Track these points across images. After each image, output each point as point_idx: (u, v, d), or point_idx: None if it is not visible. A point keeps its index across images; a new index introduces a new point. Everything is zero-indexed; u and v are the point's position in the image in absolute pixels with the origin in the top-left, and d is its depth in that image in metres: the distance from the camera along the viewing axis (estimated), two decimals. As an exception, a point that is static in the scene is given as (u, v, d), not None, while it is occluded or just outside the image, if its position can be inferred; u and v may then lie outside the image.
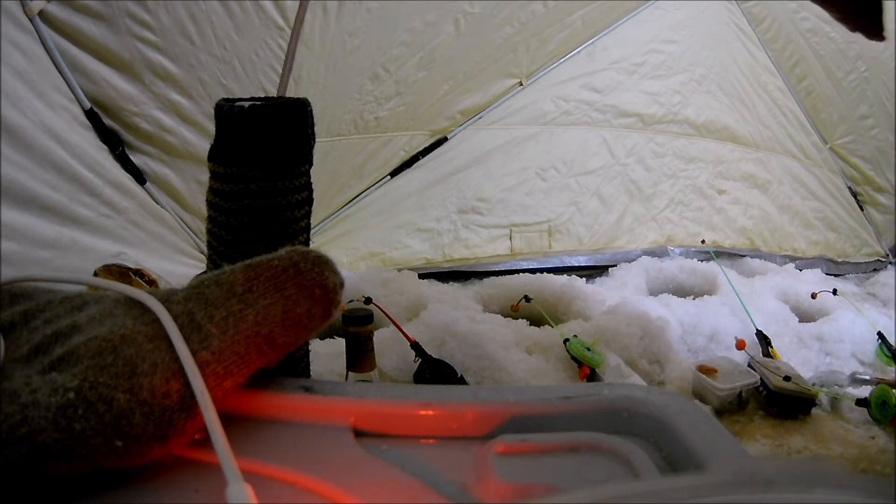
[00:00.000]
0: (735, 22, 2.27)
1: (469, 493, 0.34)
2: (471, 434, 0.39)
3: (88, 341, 0.35)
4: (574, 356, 1.34)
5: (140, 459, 0.33)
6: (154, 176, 1.47)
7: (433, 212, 1.99)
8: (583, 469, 0.34)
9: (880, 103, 2.37)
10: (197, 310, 0.37)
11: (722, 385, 1.29)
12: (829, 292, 1.91)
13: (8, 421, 0.30)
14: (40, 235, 1.14)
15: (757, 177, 2.43)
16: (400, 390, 0.41)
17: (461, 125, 1.99)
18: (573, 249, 2.13)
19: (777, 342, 1.59)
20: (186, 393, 0.34)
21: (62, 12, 1.22)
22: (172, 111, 1.42)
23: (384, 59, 1.72)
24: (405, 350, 1.22)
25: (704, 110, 2.30)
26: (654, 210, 2.27)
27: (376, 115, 1.81)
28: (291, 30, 1.49)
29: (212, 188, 0.50)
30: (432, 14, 1.71)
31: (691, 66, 2.25)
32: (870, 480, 0.25)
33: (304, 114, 0.50)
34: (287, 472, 0.34)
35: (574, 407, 0.39)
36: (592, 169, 2.17)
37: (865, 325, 1.72)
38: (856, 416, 1.30)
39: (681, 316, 1.66)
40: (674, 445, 0.36)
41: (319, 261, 0.40)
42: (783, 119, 2.43)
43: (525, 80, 2.04)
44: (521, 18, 1.85)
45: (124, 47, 1.31)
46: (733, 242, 2.38)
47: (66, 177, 1.21)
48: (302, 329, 0.39)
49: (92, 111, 1.32)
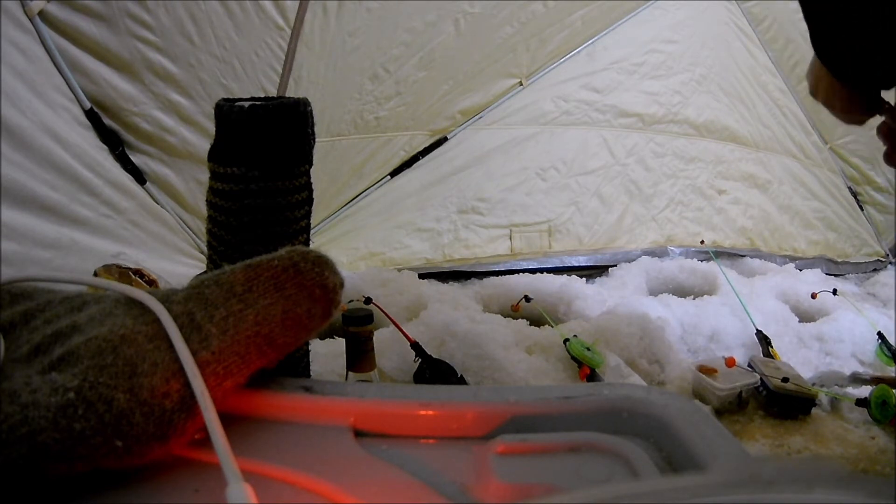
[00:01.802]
0: (735, 22, 2.27)
1: (469, 493, 0.34)
2: (471, 434, 0.39)
3: (88, 341, 0.35)
4: (574, 356, 1.34)
5: (140, 459, 0.33)
6: (154, 176, 1.47)
7: (433, 212, 1.99)
8: (583, 469, 0.34)
9: (880, 103, 2.36)
10: (197, 310, 0.37)
11: (722, 385, 1.29)
12: (829, 292, 1.91)
13: (8, 421, 0.30)
14: (40, 235, 1.14)
15: (757, 177, 2.43)
16: (400, 390, 0.41)
17: (461, 125, 1.99)
18: (573, 249, 2.13)
19: (777, 342, 1.59)
20: (186, 393, 0.34)
21: (62, 12, 1.22)
22: (172, 111, 1.42)
23: (384, 59, 1.72)
24: (405, 350, 1.22)
25: (704, 110, 2.30)
26: (654, 210, 2.27)
27: (376, 115, 1.81)
28: (291, 30, 1.49)
29: (212, 188, 0.50)
30: (432, 14, 1.71)
31: (691, 66, 2.25)
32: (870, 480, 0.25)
33: (304, 114, 0.50)
34: (287, 472, 0.34)
35: (574, 407, 0.39)
36: (592, 169, 2.17)
37: (865, 325, 1.72)
38: (856, 416, 1.30)
39: (681, 316, 1.66)
40: (674, 445, 0.36)
41: (319, 261, 0.40)
42: (783, 119, 2.43)
43: (525, 80, 2.04)
44: (521, 18, 1.85)
45: (124, 47, 1.31)
46: (733, 242, 2.38)
47: (66, 177, 1.21)
48: (302, 329, 0.39)
49: (92, 111, 1.32)
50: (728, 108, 2.34)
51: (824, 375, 1.52)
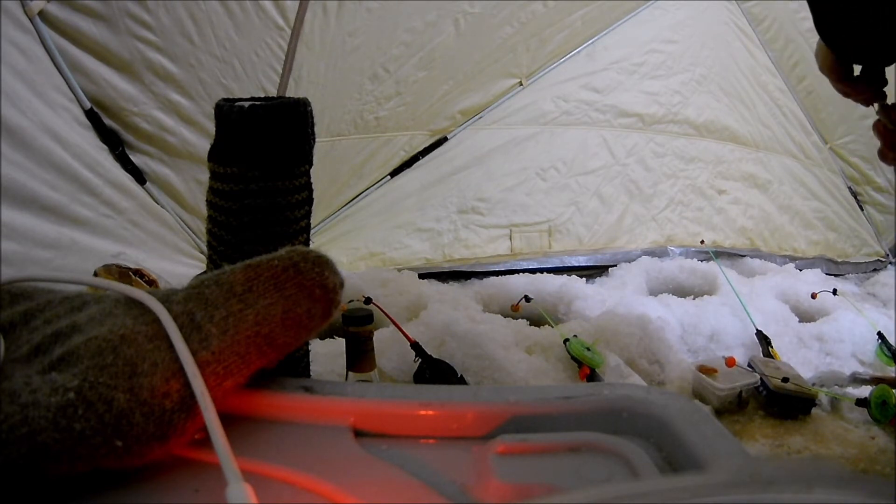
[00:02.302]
0: (735, 22, 2.27)
1: (469, 493, 0.34)
2: (471, 434, 0.39)
3: (88, 341, 0.35)
4: (574, 356, 1.34)
5: (140, 459, 0.33)
6: (154, 176, 1.47)
7: (433, 212, 1.99)
8: (583, 469, 0.34)
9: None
10: (197, 310, 0.37)
11: (722, 385, 1.29)
12: (829, 292, 1.91)
13: (8, 421, 0.30)
14: (40, 235, 1.14)
15: (757, 177, 2.43)
16: (400, 390, 0.41)
17: (461, 125, 1.99)
18: (573, 249, 2.13)
19: (777, 342, 1.59)
20: (186, 393, 0.34)
21: (62, 12, 1.22)
22: (172, 111, 1.42)
23: (384, 59, 1.72)
24: (405, 350, 1.22)
25: (704, 110, 2.30)
26: (654, 210, 2.27)
27: (376, 115, 1.81)
28: (291, 30, 1.49)
29: (212, 188, 0.50)
30: (432, 14, 1.71)
31: (691, 66, 2.25)
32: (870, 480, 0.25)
33: (304, 114, 0.50)
34: (287, 472, 0.34)
35: (574, 407, 0.39)
36: (592, 169, 2.17)
37: (865, 325, 1.72)
38: (856, 416, 1.30)
39: (681, 316, 1.66)
40: (674, 445, 0.36)
41: (319, 261, 0.40)
42: (783, 119, 2.43)
43: (525, 80, 2.04)
44: (521, 18, 1.85)
45: (124, 47, 1.31)
46: (733, 242, 2.38)
47: (66, 177, 1.21)
48: (302, 329, 0.39)
49: (92, 111, 1.32)
50: (728, 108, 2.33)
51: (824, 375, 1.52)
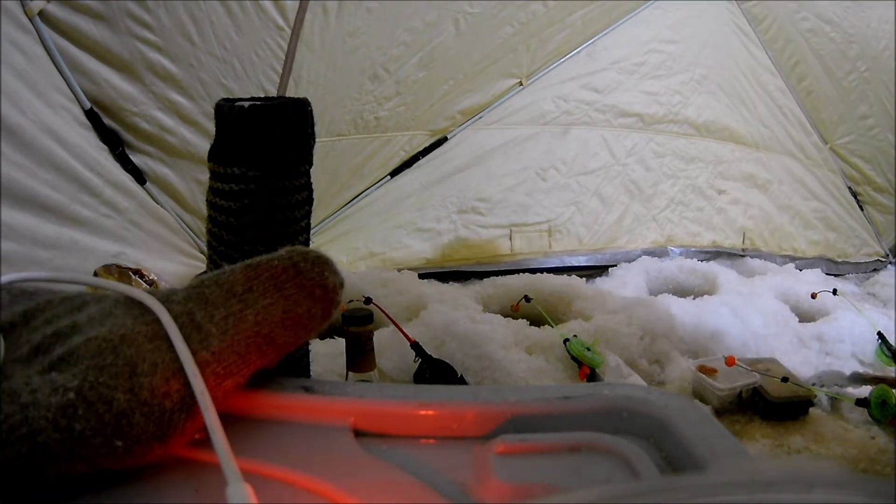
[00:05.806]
0: (735, 22, 2.27)
1: (469, 493, 0.34)
2: (471, 434, 0.39)
3: (88, 341, 0.35)
4: (574, 356, 1.34)
5: (140, 459, 0.33)
6: (154, 176, 1.47)
7: (433, 212, 1.99)
8: (583, 469, 0.34)
9: (880, 103, 2.36)
10: (197, 310, 0.37)
11: (722, 385, 1.29)
12: (829, 292, 1.91)
13: (8, 421, 0.30)
14: (40, 235, 1.14)
15: (757, 177, 2.42)
16: (400, 390, 0.41)
17: (461, 125, 1.99)
18: (573, 249, 2.13)
19: (777, 342, 1.59)
20: (186, 393, 0.34)
21: (62, 12, 1.22)
22: (172, 111, 1.42)
23: (384, 59, 1.72)
24: (405, 350, 1.22)
25: (704, 110, 2.29)
26: (655, 210, 2.27)
27: (376, 115, 1.81)
28: (291, 30, 1.49)
29: (212, 188, 0.50)
30: (432, 14, 1.71)
31: (691, 66, 2.25)
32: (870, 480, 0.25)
33: (304, 114, 0.50)
34: (287, 472, 0.34)
35: (574, 407, 0.39)
36: (592, 169, 2.17)
37: (865, 325, 1.72)
38: (856, 416, 1.30)
39: (681, 316, 1.66)
40: (674, 445, 0.36)
41: (319, 261, 0.40)
42: (783, 119, 2.43)
43: (525, 80, 2.04)
44: (521, 18, 1.85)
45: (124, 47, 1.31)
46: (733, 242, 2.38)
47: (66, 177, 1.21)
48: (302, 329, 0.39)
49: (92, 111, 1.32)
50: (728, 108, 2.33)
51: (824, 375, 1.51)
